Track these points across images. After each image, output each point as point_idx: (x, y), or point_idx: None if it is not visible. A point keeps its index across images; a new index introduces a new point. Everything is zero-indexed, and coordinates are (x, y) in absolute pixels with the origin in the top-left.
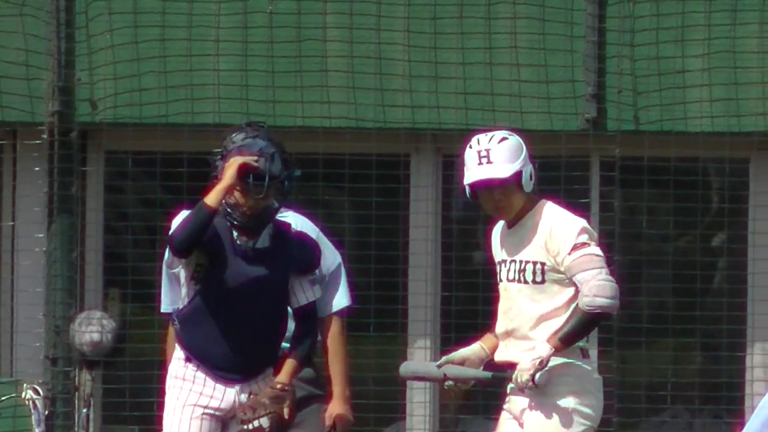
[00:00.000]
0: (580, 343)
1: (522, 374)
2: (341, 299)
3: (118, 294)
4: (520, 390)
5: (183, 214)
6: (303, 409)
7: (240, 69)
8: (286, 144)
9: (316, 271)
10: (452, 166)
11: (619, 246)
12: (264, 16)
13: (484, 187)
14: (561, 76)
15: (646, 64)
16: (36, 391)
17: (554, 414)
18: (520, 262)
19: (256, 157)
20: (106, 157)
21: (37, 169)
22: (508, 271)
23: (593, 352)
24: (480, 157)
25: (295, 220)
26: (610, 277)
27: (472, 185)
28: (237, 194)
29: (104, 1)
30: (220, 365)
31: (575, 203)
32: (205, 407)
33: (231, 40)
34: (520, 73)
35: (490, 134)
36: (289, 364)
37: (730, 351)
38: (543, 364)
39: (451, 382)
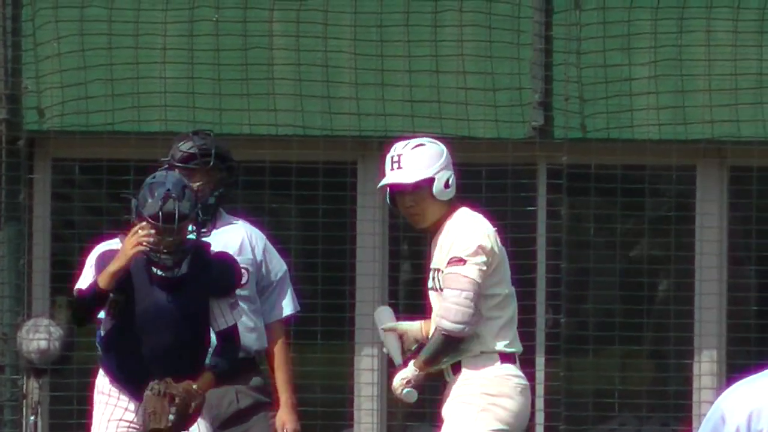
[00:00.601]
0: (506, 349)
1: (395, 390)
2: (287, 307)
3: (65, 301)
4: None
5: (99, 249)
6: (251, 417)
7: (186, 77)
8: (233, 152)
9: (237, 293)
10: None
11: (566, 254)
12: (210, 24)
13: (395, 191)
14: (508, 83)
15: (592, 72)
16: None
17: (465, 411)
18: (433, 270)
19: (151, 239)
20: (53, 164)
21: None
22: (432, 279)
23: (539, 360)
24: (392, 162)
25: (243, 228)
26: (467, 302)
27: (382, 189)
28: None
29: (51, 9)
30: (140, 390)
31: (522, 211)
32: (130, 422)
33: (177, 48)
34: (466, 80)
35: (409, 141)
36: (205, 377)
37: (678, 359)
38: (409, 383)
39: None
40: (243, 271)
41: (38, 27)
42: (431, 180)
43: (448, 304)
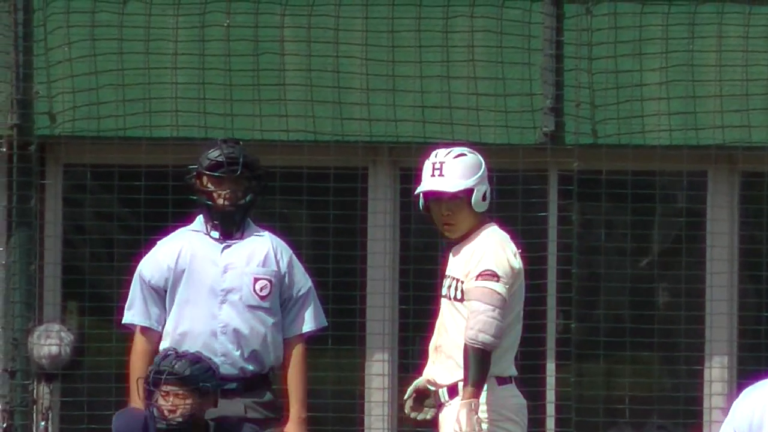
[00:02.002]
0: (503, 374)
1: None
2: (308, 323)
3: (76, 307)
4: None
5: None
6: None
7: (198, 82)
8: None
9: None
10: (410, 179)
11: (577, 259)
12: (221, 29)
13: (433, 199)
14: (518, 89)
15: (603, 78)
16: None
17: None
18: (452, 278)
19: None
20: (65, 170)
21: None
22: (448, 287)
23: (550, 365)
24: (434, 169)
25: (269, 240)
26: (501, 318)
27: (422, 195)
28: None
29: (62, 14)
30: None
31: (533, 217)
32: None
33: (188, 53)
34: (477, 86)
35: (451, 149)
36: None
37: (689, 364)
38: (474, 413)
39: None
40: (266, 282)
41: (49, 32)
42: (470, 191)
43: (484, 317)
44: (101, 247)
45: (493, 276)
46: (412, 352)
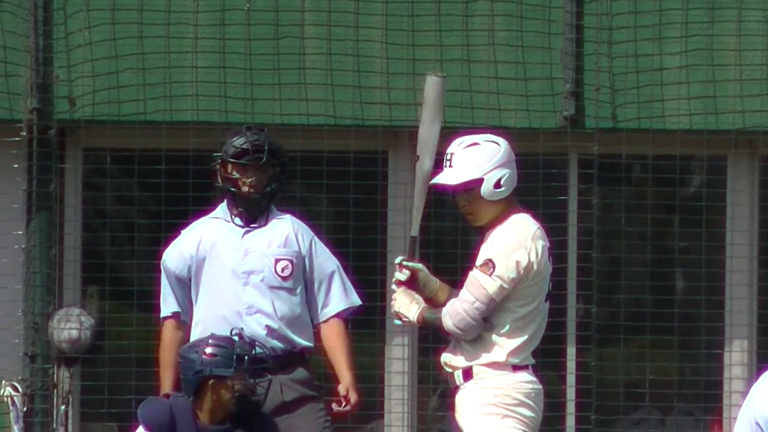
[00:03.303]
0: (514, 360)
1: (394, 308)
2: (340, 302)
3: (96, 291)
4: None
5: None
6: (295, 410)
7: (218, 66)
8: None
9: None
10: None
11: (597, 243)
12: (241, 13)
13: (449, 190)
14: (539, 73)
15: (623, 62)
16: (15, 388)
17: (487, 422)
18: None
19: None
20: (85, 154)
21: (15, 166)
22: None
23: (570, 349)
24: (446, 160)
25: (290, 222)
26: (476, 314)
27: (435, 187)
28: None
29: None
30: None
31: (553, 201)
32: None
33: (209, 37)
34: (498, 70)
35: (466, 138)
36: None
37: (709, 348)
38: (402, 320)
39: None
40: (287, 263)
41: (69, 16)
42: (480, 181)
43: (457, 306)
44: (121, 232)
45: (490, 269)
46: (431, 335)
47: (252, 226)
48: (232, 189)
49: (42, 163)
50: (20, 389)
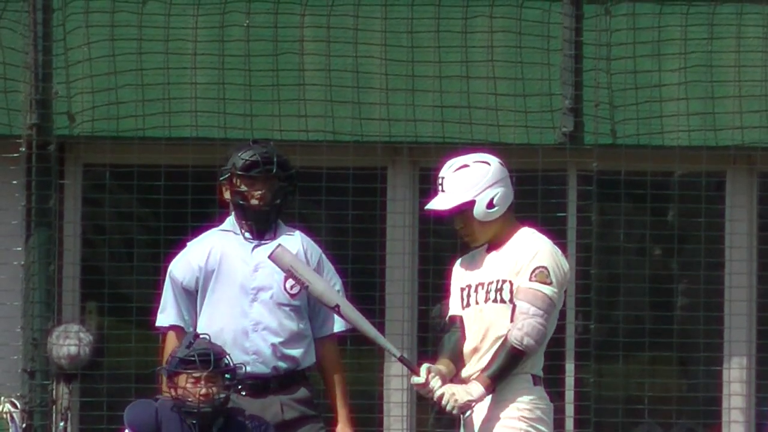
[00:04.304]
0: (538, 372)
1: (451, 405)
2: (339, 322)
3: (95, 307)
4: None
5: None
6: (297, 429)
7: (217, 82)
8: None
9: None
10: (429, 179)
11: (596, 259)
12: (241, 29)
13: (443, 215)
14: (538, 89)
15: (622, 78)
16: (14, 404)
17: None
18: (498, 281)
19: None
20: (84, 170)
21: (14, 182)
22: (495, 290)
23: (569, 366)
24: (438, 185)
25: (300, 238)
26: (546, 324)
27: (429, 213)
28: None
29: (82, 14)
30: None
31: (552, 217)
32: None
33: (208, 53)
34: (496, 86)
35: (456, 160)
36: None
37: (708, 365)
38: (471, 406)
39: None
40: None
41: (69, 32)
42: (472, 202)
43: (533, 322)
44: (120, 248)
45: (546, 277)
46: (430, 352)
47: (262, 240)
48: (241, 202)
49: (41, 178)
50: (19, 405)
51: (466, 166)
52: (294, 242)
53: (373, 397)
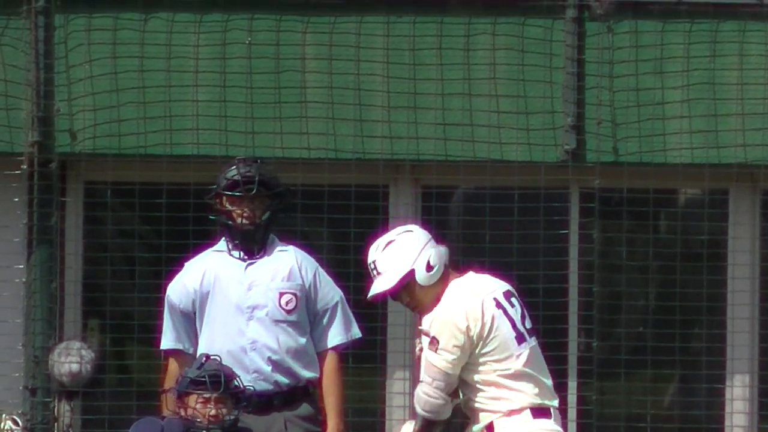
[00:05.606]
0: (535, 400)
1: None
2: (337, 336)
3: (97, 324)
4: None
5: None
6: None
7: (219, 100)
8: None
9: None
10: (431, 197)
11: (598, 277)
12: (242, 47)
13: (388, 295)
14: (540, 107)
15: (625, 96)
16: (15, 422)
17: None
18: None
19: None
20: (86, 187)
21: (16, 199)
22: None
23: (572, 383)
24: (371, 270)
25: (294, 254)
26: (437, 393)
27: (373, 299)
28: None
29: (83, 31)
30: None
31: (554, 234)
32: None
33: (210, 71)
34: (499, 104)
35: (379, 240)
36: None
37: (710, 383)
38: None
39: None
40: (291, 296)
41: (71, 49)
42: (412, 272)
43: (419, 392)
44: (122, 265)
45: (435, 345)
46: None
47: (254, 258)
48: (228, 222)
49: (43, 196)
50: (21, 423)
51: (391, 241)
52: (288, 258)
53: (375, 414)
